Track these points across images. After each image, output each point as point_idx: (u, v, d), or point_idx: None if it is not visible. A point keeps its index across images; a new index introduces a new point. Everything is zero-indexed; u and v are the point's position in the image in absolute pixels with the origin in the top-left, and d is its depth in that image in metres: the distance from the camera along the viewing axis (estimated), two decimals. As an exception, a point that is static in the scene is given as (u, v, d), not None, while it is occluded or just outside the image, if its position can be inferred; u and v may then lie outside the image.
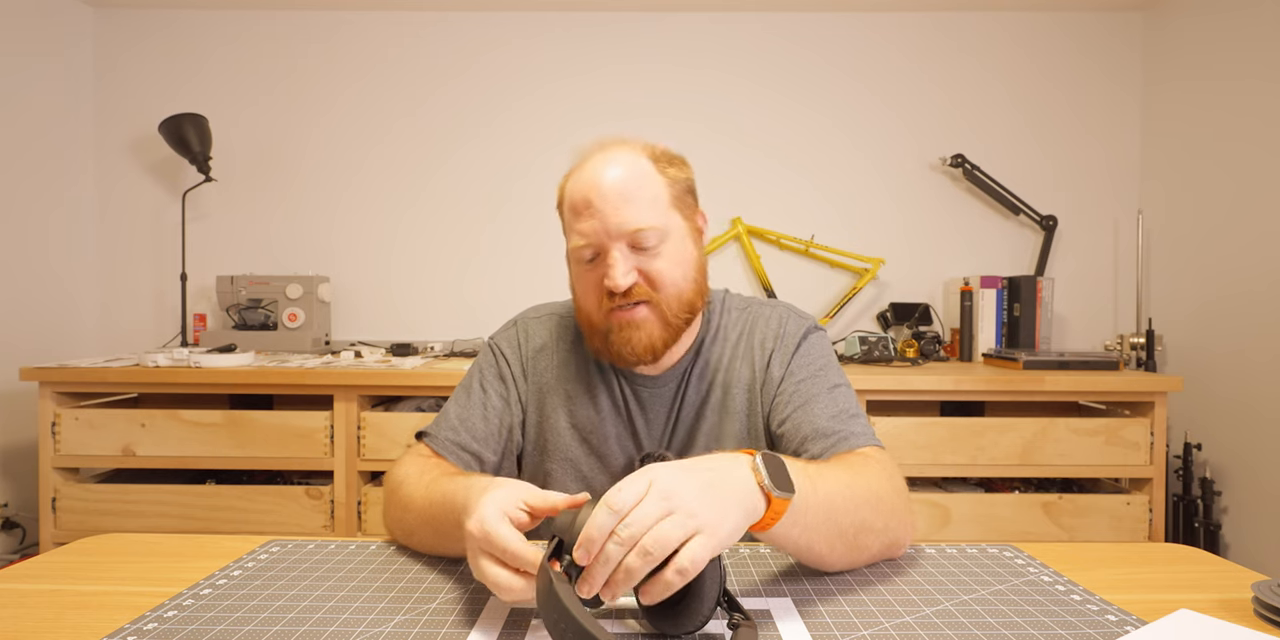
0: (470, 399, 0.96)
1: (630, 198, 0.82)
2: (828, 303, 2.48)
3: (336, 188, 2.51)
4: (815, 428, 0.86)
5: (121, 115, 2.50)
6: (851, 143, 2.48)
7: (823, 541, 0.66)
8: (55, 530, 1.89)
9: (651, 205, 0.83)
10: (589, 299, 0.87)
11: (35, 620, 0.61)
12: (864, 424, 0.87)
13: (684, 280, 0.86)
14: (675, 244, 0.85)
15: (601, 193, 0.82)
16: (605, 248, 0.83)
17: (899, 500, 0.75)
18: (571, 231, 0.85)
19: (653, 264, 0.84)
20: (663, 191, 0.85)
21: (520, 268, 2.50)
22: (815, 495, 0.64)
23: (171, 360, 1.96)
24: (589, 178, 0.84)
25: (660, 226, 0.83)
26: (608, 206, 0.81)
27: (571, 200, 0.85)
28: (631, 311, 0.84)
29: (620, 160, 0.84)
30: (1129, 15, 2.44)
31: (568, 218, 0.86)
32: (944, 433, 1.87)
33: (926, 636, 0.58)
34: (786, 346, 0.93)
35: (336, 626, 0.60)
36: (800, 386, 0.90)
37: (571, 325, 0.98)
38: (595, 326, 0.87)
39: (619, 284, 0.81)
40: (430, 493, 0.76)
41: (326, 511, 1.89)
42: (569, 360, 0.96)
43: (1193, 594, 0.68)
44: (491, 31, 2.48)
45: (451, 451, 0.91)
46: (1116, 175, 2.46)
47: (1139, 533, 1.86)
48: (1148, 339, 2.20)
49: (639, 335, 0.84)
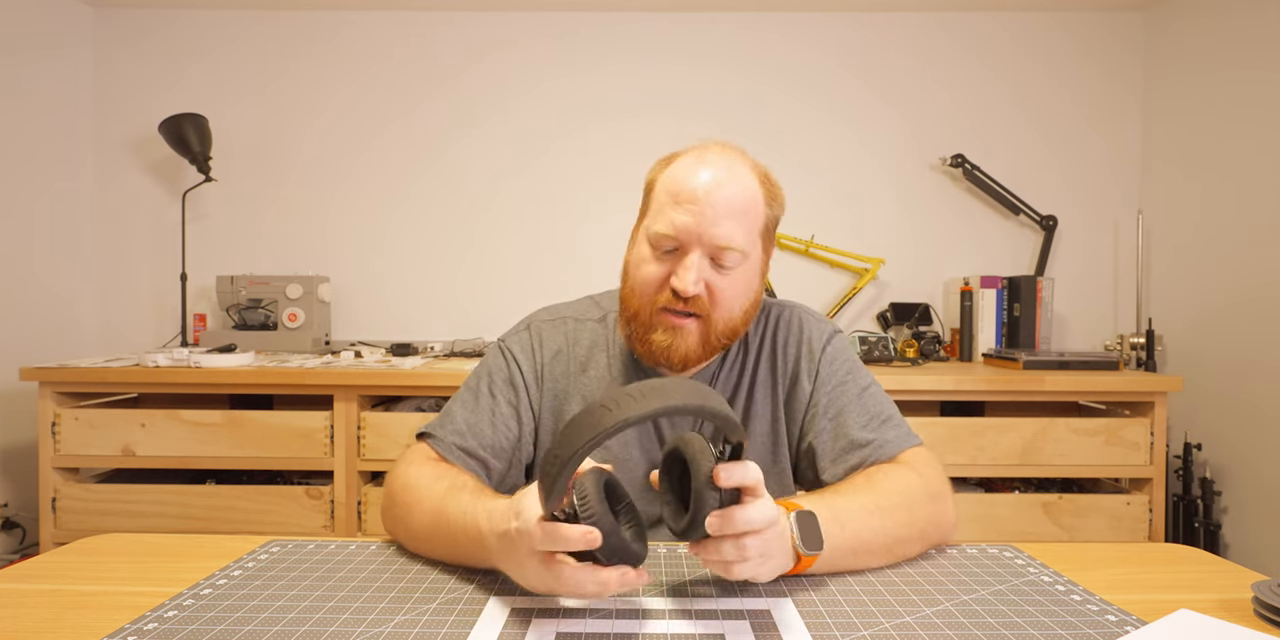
0: (479, 404, 0.92)
1: (733, 214, 0.82)
2: (828, 303, 2.48)
3: (336, 188, 2.51)
4: (851, 440, 0.87)
5: (121, 115, 2.50)
6: (852, 143, 2.48)
7: (859, 566, 0.73)
8: (55, 530, 1.89)
9: (748, 230, 0.84)
10: (646, 287, 0.85)
11: (35, 620, 0.61)
12: (897, 426, 0.89)
13: (739, 309, 0.86)
14: (747, 272, 0.86)
15: (710, 194, 0.81)
16: (689, 248, 0.82)
17: (932, 501, 0.79)
18: (661, 215, 0.83)
19: (721, 282, 0.83)
20: (759, 221, 0.86)
21: (521, 268, 2.50)
22: (843, 536, 0.70)
23: (171, 360, 1.96)
24: (706, 173, 0.82)
25: (744, 251, 0.83)
26: (711, 211, 0.81)
27: (676, 185, 0.83)
28: (682, 320, 0.84)
29: (739, 174, 0.84)
30: (1130, 15, 2.44)
31: (662, 199, 0.84)
32: (944, 433, 1.87)
33: (926, 636, 0.58)
34: (812, 355, 0.93)
35: (336, 626, 0.60)
36: (832, 397, 0.90)
37: (587, 329, 0.96)
38: (641, 316, 0.86)
39: (688, 289, 0.81)
40: (446, 505, 0.74)
41: (326, 511, 1.89)
42: (586, 365, 0.94)
43: (1193, 594, 0.68)
44: (490, 31, 2.48)
45: (458, 457, 0.88)
46: (1117, 175, 2.46)
47: (1139, 533, 1.86)
48: (1148, 339, 2.20)
49: (679, 344, 0.84)
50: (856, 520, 0.72)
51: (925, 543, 0.78)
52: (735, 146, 0.88)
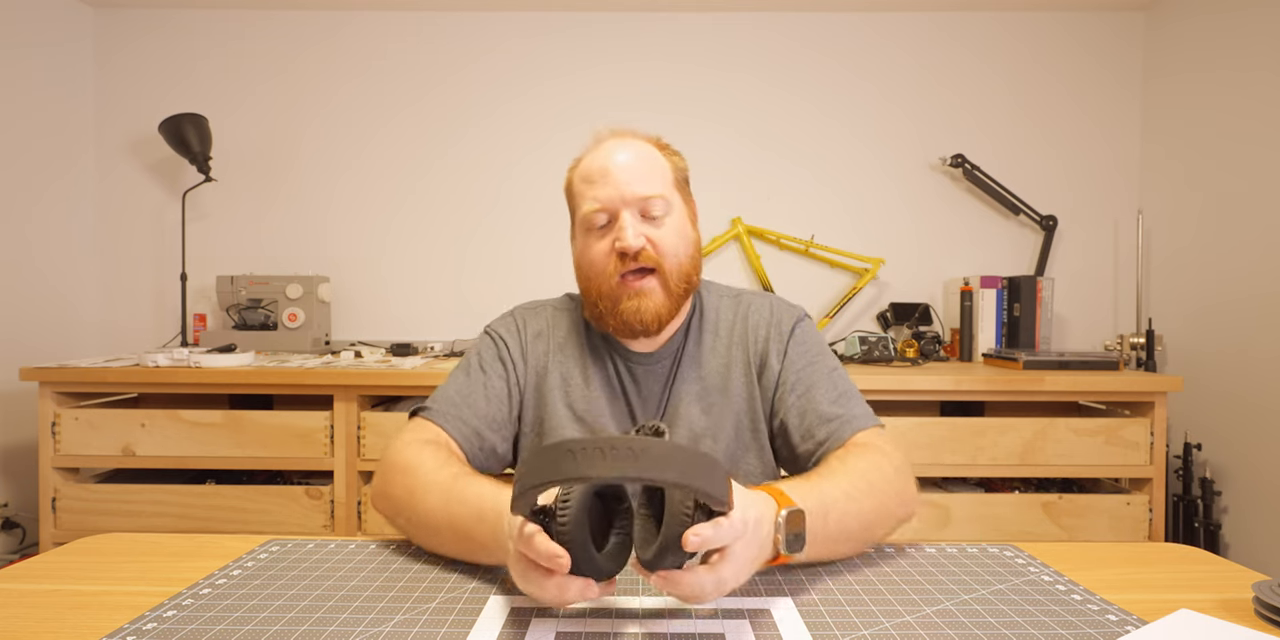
0: (470, 378, 0.97)
1: (642, 171, 0.91)
2: (828, 303, 2.48)
3: (336, 187, 2.51)
4: (820, 413, 0.92)
5: (121, 115, 2.50)
6: (852, 143, 2.48)
7: (832, 555, 0.75)
8: (55, 530, 1.89)
9: (661, 180, 0.92)
10: (599, 266, 0.91)
11: (35, 620, 0.61)
12: (862, 404, 0.94)
13: (684, 253, 0.93)
14: (677, 219, 0.93)
15: (617, 163, 0.90)
16: (618, 212, 0.90)
17: (900, 481, 0.81)
18: (584, 199, 0.92)
19: (658, 232, 0.91)
20: (668, 172, 0.94)
21: (521, 267, 2.50)
22: (825, 527, 0.70)
23: (171, 360, 1.96)
24: (604, 153, 0.92)
25: (667, 197, 0.91)
26: (623, 175, 0.90)
27: (585, 172, 0.92)
28: (641, 280, 0.90)
29: (631, 143, 0.94)
30: (1130, 15, 2.44)
31: (579, 188, 0.93)
32: (944, 433, 1.87)
33: (927, 636, 0.58)
34: (781, 336, 0.98)
35: (336, 626, 0.60)
36: (801, 374, 0.95)
37: (566, 315, 1.03)
38: (605, 294, 0.92)
39: (631, 244, 0.88)
40: (451, 497, 0.74)
41: (326, 511, 1.89)
42: (565, 344, 1.00)
43: (1193, 594, 0.68)
44: (490, 30, 2.48)
45: (454, 426, 0.91)
46: (1116, 175, 2.46)
47: (1139, 533, 1.86)
48: (1148, 339, 2.20)
49: (648, 303, 0.90)
50: (838, 507, 0.72)
51: (895, 521, 0.80)
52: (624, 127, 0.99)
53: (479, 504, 0.71)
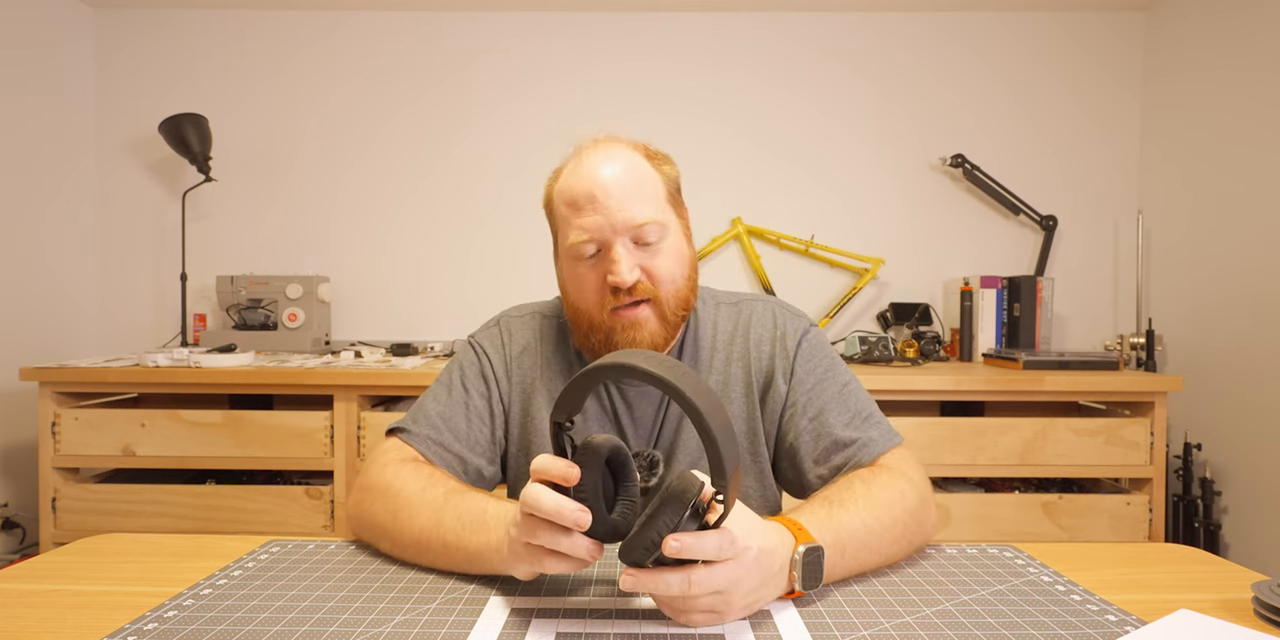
0: (451, 397, 0.92)
1: (633, 193, 0.82)
2: (828, 303, 2.48)
3: (336, 188, 2.51)
4: (834, 439, 0.86)
5: (121, 115, 2.50)
6: (852, 143, 2.48)
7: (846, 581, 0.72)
8: (55, 530, 1.89)
9: (653, 201, 0.84)
10: (588, 297, 0.85)
11: (35, 620, 0.61)
12: (879, 423, 0.88)
13: (682, 278, 0.86)
14: (673, 240, 0.85)
15: (604, 187, 0.81)
16: (609, 243, 0.82)
17: (924, 511, 0.78)
18: (569, 227, 0.83)
19: (654, 261, 0.83)
20: (660, 188, 0.86)
21: (520, 267, 2.50)
22: (843, 563, 0.68)
23: (171, 360, 1.96)
24: (589, 173, 0.83)
25: (662, 222, 0.83)
26: (612, 201, 0.81)
27: (570, 195, 0.83)
28: (635, 311, 0.83)
29: (618, 156, 0.84)
30: (1130, 15, 2.44)
31: (564, 213, 0.84)
32: (944, 433, 1.87)
33: (926, 636, 0.58)
34: (786, 352, 0.91)
35: (336, 627, 0.60)
36: (811, 395, 0.89)
37: (555, 324, 0.96)
38: (596, 325, 0.85)
39: (625, 280, 0.80)
40: (444, 513, 0.72)
41: (326, 511, 1.89)
42: (553, 360, 0.94)
43: (1193, 594, 0.68)
44: (491, 30, 2.48)
45: (434, 452, 0.87)
46: (1116, 175, 2.46)
47: (1139, 533, 1.86)
48: (1148, 339, 2.20)
49: (643, 334, 0.84)
50: (856, 540, 0.69)
51: (912, 550, 0.77)
52: (607, 135, 0.89)
53: (480, 516, 0.70)
